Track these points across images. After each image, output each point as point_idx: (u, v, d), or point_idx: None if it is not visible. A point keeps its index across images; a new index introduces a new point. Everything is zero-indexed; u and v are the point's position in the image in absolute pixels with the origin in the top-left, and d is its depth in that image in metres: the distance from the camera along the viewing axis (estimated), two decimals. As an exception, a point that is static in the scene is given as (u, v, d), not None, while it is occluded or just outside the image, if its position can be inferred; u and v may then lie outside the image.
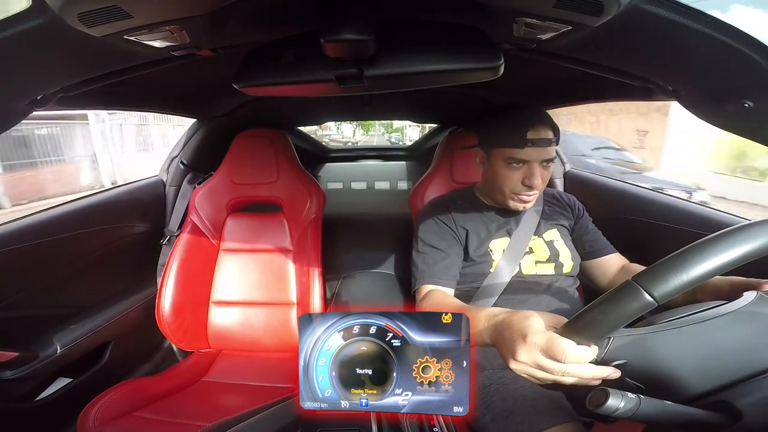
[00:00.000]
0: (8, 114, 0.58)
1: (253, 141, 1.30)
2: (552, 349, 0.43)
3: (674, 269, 0.37)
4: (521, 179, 0.85)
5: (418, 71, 0.58)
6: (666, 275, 0.37)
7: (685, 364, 0.41)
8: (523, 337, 0.47)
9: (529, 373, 0.47)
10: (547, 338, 0.44)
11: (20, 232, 0.97)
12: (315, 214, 1.29)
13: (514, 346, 0.47)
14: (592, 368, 0.43)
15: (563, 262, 0.91)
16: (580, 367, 0.43)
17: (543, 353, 0.44)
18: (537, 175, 0.83)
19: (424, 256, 0.89)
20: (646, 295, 0.38)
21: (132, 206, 1.32)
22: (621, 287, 0.40)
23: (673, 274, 0.37)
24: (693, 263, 0.37)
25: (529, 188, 0.85)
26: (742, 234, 0.37)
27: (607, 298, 0.40)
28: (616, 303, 0.39)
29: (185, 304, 1.19)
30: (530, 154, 0.82)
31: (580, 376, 0.43)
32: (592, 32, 0.46)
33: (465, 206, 0.96)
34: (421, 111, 1.82)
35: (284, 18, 0.59)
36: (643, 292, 0.38)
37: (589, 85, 0.97)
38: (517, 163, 0.84)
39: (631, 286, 0.39)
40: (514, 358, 0.47)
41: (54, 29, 0.42)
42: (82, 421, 0.86)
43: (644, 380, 0.42)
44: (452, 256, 0.89)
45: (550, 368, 0.44)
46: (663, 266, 0.38)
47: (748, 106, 0.49)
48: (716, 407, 0.39)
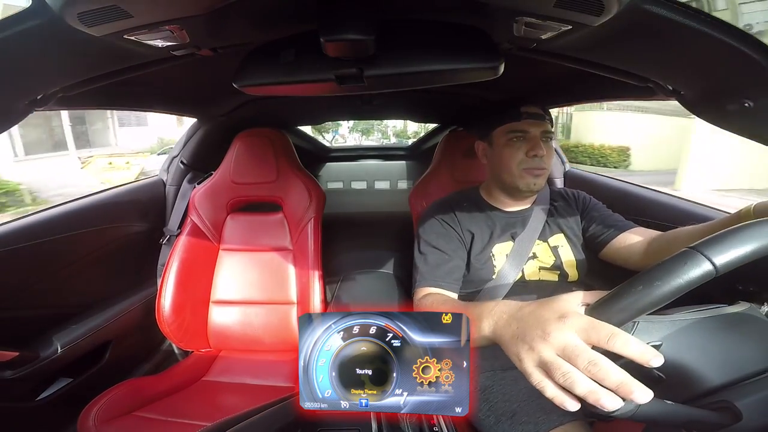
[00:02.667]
0: (8, 114, 0.58)
1: (253, 140, 1.30)
2: (594, 329, 0.37)
3: (738, 240, 0.35)
4: (526, 152, 0.86)
5: (418, 71, 0.58)
6: (730, 244, 0.35)
7: (708, 356, 0.41)
8: (558, 317, 0.40)
9: (551, 365, 0.38)
10: (588, 320, 0.38)
11: (21, 232, 0.97)
12: (315, 214, 1.29)
13: (546, 327, 0.40)
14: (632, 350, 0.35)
15: (568, 271, 0.89)
16: (610, 365, 0.35)
17: (581, 333, 0.38)
18: (540, 145, 0.85)
19: (425, 258, 0.88)
20: (708, 262, 0.34)
21: (132, 206, 1.32)
22: (674, 256, 0.36)
23: (737, 244, 0.35)
24: (756, 237, 0.35)
25: (535, 159, 0.85)
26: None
27: (657, 266, 0.37)
28: (668, 271, 0.35)
29: (185, 303, 1.19)
30: (529, 126, 0.86)
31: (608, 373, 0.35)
32: (592, 32, 0.46)
33: (470, 208, 0.94)
34: (421, 111, 1.82)
35: (284, 17, 0.59)
36: (704, 257, 0.35)
37: (589, 85, 0.97)
38: (519, 138, 0.86)
39: (686, 253, 0.36)
40: (544, 339, 0.39)
41: (54, 29, 0.42)
42: (82, 421, 0.87)
43: (666, 370, 0.39)
44: (456, 260, 0.87)
45: (586, 358, 0.36)
46: (726, 235, 0.36)
47: (748, 106, 0.49)
48: (716, 407, 0.40)
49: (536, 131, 0.86)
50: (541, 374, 0.39)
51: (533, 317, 0.43)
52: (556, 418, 0.63)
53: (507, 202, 0.94)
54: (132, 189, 1.37)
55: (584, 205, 0.97)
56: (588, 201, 0.98)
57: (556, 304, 0.42)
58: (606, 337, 0.36)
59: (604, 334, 0.36)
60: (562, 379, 0.37)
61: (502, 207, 0.95)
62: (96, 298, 1.19)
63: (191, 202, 1.30)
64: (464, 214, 0.93)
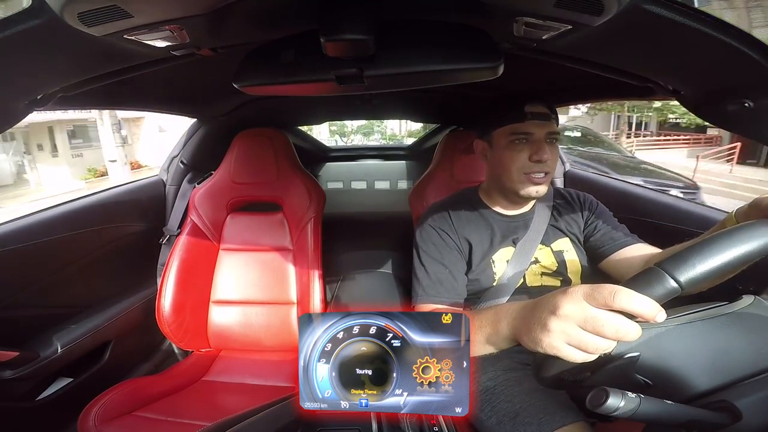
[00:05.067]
0: (8, 114, 0.58)
1: (253, 140, 1.30)
2: (599, 289, 0.39)
3: (700, 257, 0.38)
4: (529, 156, 0.80)
5: (417, 71, 0.58)
6: (693, 262, 0.37)
7: (695, 360, 0.41)
8: (563, 291, 0.43)
9: (570, 337, 0.40)
10: (591, 285, 0.41)
11: (21, 232, 0.97)
12: (315, 214, 1.29)
13: (555, 302, 0.42)
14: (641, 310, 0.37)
15: (571, 278, 0.86)
16: (627, 322, 0.38)
17: (589, 299, 0.40)
18: (544, 149, 0.79)
19: (425, 270, 0.84)
20: (671, 280, 0.37)
21: (132, 206, 1.32)
22: (644, 272, 0.40)
23: (700, 262, 0.37)
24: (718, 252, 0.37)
25: (538, 164, 0.80)
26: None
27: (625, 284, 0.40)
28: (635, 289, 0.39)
29: (185, 303, 1.19)
30: (533, 127, 0.80)
31: (627, 331, 0.38)
32: (592, 32, 0.46)
33: (468, 214, 0.90)
34: (421, 110, 1.82)
35: (284, 17, 0.59)
36: (668, 277, 0.37)
37: (589, 85, 0.97)
38: (522, 140, 0.81)
39: (653, 270, 0.39)
40: (555, 313, 0.41)
41: (54, 29, 0.42)
42: (82, 421, 0.87)
43: (653, 376, 0.41)
44: (455, 272, 0.84)
45: (600, 319, 0.38)
46: (688, 252, 0.38)
47: (748, 105, 0.49)
48: (716, 407, 0.40)
49: (541, 133, 0.80)
50: (563, 345, 0.41)
51: (543, 301, 0.46)
52: (559, 419, 0.62)
53: (507, 205, 0.91)
54: (132, 189, 1.37)
55: (590, 210, 0.92)
56: (595, 206, 0.93)
57: (563, 288, 0.44)
58: (610, 295, 0.38)
59: (608, 293, 0.39)
60: (575, 342, 0.40)
61: (502, 211, 0.91)
62: (96, 298, 1.19)
63: (191, 202, 1.30)
64: (462, 221, 0.89)
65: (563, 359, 0.42)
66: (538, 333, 0.43)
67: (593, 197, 0.96)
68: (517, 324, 0.50)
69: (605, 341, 0.39)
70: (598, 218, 0.91)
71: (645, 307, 0.37)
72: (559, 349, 0.41)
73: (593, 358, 0.40)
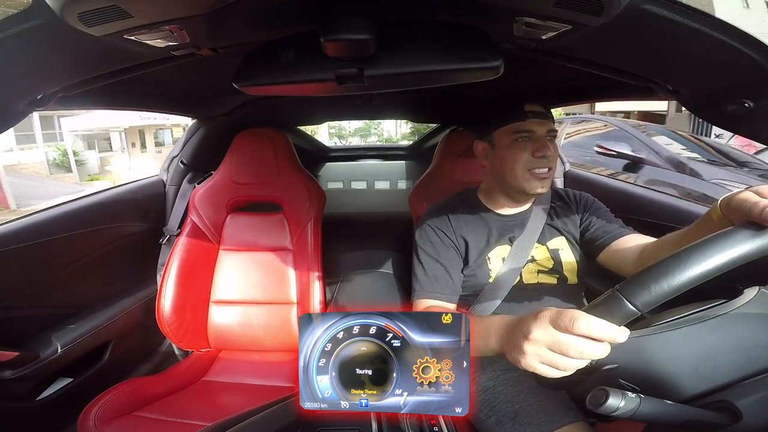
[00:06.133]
0: (8, 114, 0.58)
1: (253, 140, 1.30)
2: (561, 316, 0.42)
3: (655, 279, 0.38)
4: (532, 152, 0.82)
5: (418, 71, 0.58)
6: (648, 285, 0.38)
7: (680, 365, 0.41)
8: (534, 316, 0.46)
9: (542, 357, 0.44)
10: (557, 310, 0.44)
11: (21, 232, 0.97)
12: (315, 214, 1.28)
13: (528, 327, 0.45)
14: (603, 340, 0.40)
15: (567, 275, 0.87)
16: (589, 344, 0.40)
17: (554, 325, 0.43)
18: (546, 145, 0.82)
19: (423, 268, 0.86)
20: (629, 304, 0.38)
21: (132, 206, 1.32)
22: (604, 296, 0.41)
23: (656, 284, 0.38)
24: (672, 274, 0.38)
25: (542, 159, 0.82)
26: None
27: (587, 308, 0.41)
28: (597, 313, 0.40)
29: (185, 303, 1.19)
30: (534, 126, 0.82)
31: (590, 352, 0.40)
32: (592, 32, 0.46)
33: (465, 213, 0.92)
34: (421, 110, 1.82)
35: (284, 17, 0.59)
36: (625, 301, 0.38)
37: (589, 85, 0.97)
38: (524, 138, 0.83)
39: (612, 295, 0.40)
40: (527, 338, 0.45)
41: (54, 29, 0.42)
42: (82, 421, 0.87)
43: (639, 382, 0.42)
44: (452, 269, 0.86)
45: (564, 342, 0.41)
46: (645, 275, 0.39)
47: (748, 106, 0.49)
48: (716, 407, 0.40)
49: (542, 131, 0.83)
50: (539, 365, 0.44)
51: (520, 324, 0.49)
52: (558, 419, 0.63)
53: (506, 204, 0.92)
54: (132, 189, 1.37)
55: (585, 207, 0.94)
56: (590, 203, 0.95)
57: (535, 312, 0.47)
58: (570, 322, 0.41)
59: (568, 320, 0.41)
60: (547, 362, 0.43)
61: (500, 210, 0.92)
62: (96, 298, 1.19)
63: (191, 202, 1.30)
64: (459, 220, 0.90)
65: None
66: (516, 354, 0.47)
67: (590, 195, 0.97)
68: (502, 342, 0.54)
69: (575, 360, 0.42)
70: (593, 214, 0.92)
71: (603, 332, 0.39)
72: (535, 368, 0.45)
73: (570, 373, 0.43)
